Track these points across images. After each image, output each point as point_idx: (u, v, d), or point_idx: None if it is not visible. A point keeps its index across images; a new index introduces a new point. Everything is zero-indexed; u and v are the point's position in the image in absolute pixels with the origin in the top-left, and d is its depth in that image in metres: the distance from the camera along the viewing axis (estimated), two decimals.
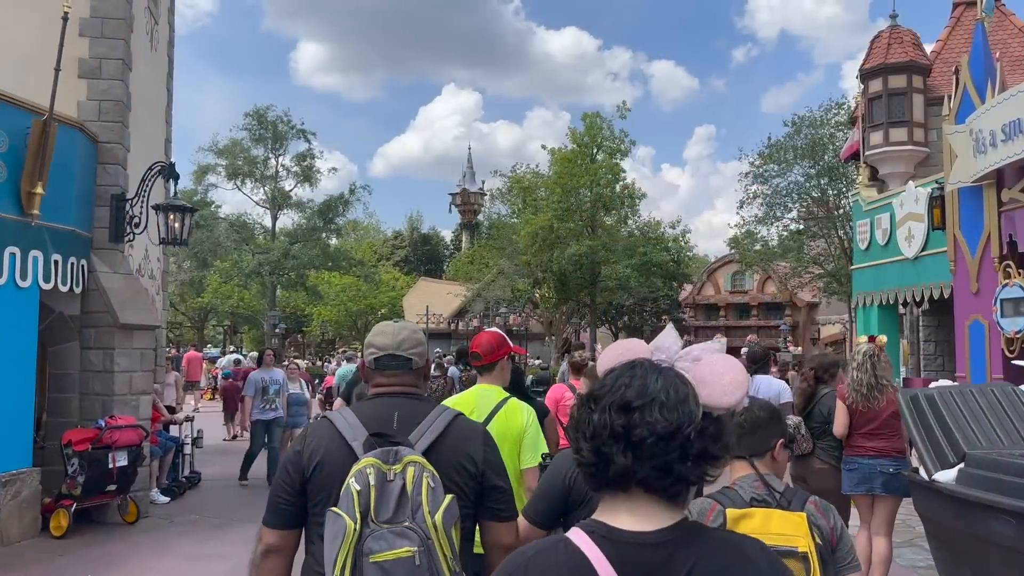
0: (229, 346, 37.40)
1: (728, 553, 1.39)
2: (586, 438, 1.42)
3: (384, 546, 2.05)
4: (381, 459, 2.14)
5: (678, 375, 1.47)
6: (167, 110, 12.93)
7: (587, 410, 1.44)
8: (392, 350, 2.46)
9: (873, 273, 14.06)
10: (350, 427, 2.30)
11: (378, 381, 2.48)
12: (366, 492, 2.08)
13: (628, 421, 1.37)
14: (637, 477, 1.37)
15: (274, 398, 11.64)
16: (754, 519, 2.46)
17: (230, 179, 36.65)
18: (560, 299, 30.44)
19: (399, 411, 2.35)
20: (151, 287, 11.70)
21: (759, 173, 25.71)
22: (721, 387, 1.51)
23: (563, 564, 1.36)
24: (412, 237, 70.19)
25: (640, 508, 1.39)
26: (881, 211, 13.81)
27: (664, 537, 1.36)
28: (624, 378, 1.44)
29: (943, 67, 19.35)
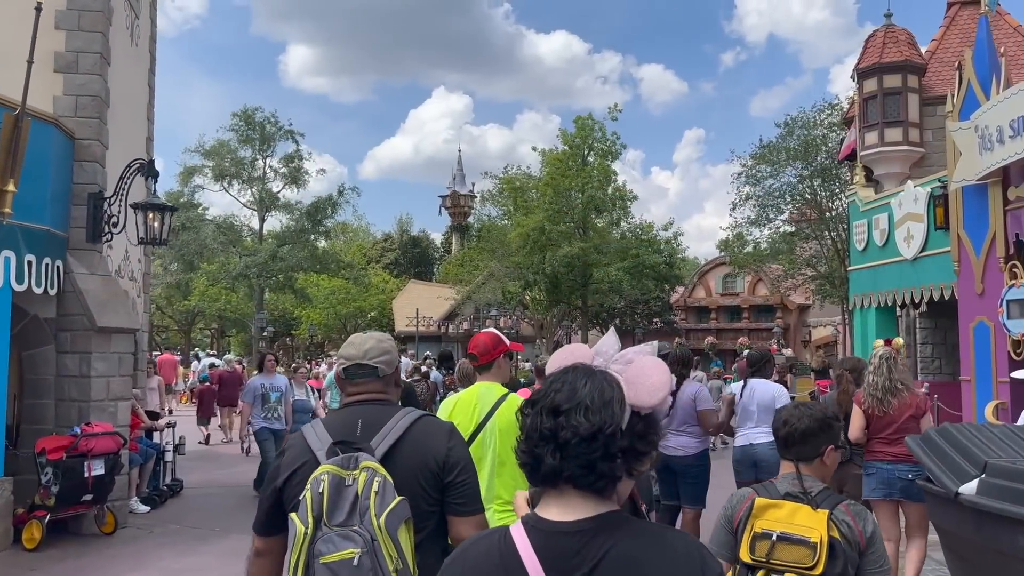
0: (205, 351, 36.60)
1: (645, 541, 1.49)
2: (523, 439, 1.56)
3: (331, 548, 2.17)
4: (341, 465, 2.25)
5: (607, 378, 1.58)
6: (149, 107, 12.59)
7: (524, 413, 1.58)
8: (358, 359, 2.57)
9: (871, 274, 13.83)
10: (317, 437, 2.42)
11: (348, 390, 2.60)
12: (318, 498, 2.19)
13: (555, 424, 1.49)
14: (564, 475, 1.49)
15: (276, 406, 10.67)
16: (782, 510, 2.72)
17: (217, 180, 36.18)
18: (551, 301, 30.17)
19: (363, 418, 2.46)
20: (132, 289, 11.35)
21: (751, 174, 25.52)
22: (646, 388, 1.63)
23: (495, 549, 1.54)
24: (402, 240, 69.79)
25: (568, 501, 1.51)
26: (879, 211, 13.58)
27: (583, 526, 1.49)
28: (557, 383, 1.57)
29: (938, 67, 19.18)
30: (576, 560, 1.47)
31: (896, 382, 5.79)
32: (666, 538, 1.53)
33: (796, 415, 2.98)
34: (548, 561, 1.48)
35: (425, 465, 2.40)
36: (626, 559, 1.46)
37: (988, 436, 5.02)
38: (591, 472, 1.48)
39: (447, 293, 39.84)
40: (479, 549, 1.59)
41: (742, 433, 7.05)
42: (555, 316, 35.28)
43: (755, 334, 37.94)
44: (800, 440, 2.92)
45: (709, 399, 7.02)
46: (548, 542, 1.50)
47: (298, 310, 48.47)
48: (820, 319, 37.88)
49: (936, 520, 5.24)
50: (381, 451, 2.36)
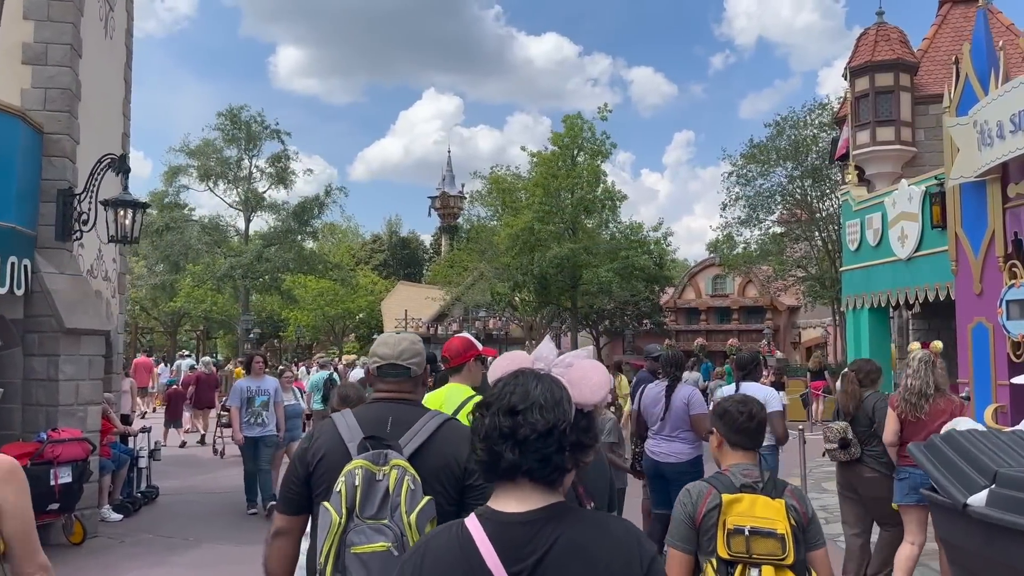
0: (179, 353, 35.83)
1: (589, 528, 1.64)
2: (480, 439, 1.67)
3: (363, 540, 2.30)
4: (372, 460, 2.39)
5: (554, 380, 1.74)
6: (125, 103, 12.23)
7: (480, 415, 1.70)
8: (393, 359, 2.73)
9: (863, 275, 13.58)
10: (348, 429, 2.57)
11: (379, 387, 2.75)
12: (352, 491, 2.33)
13: (514, 423, 1.63)
14: (523, 469, 1.63)
15: (261, 411, 9.84)
16: (743, 503, 2.88)
17: (202, 180, 35.65)
18: (540, 303, 29.89)
19: (393, 415, 2.60)
20: (106, 289, 10.99)
21: (742, 174, 25.30)
22: (589, 387, 1.79)
23: (454, 540, 1.66)
24: (391, 241, 69.41)
25: (521, 494, 1.65)
26: (872, 211, 13.33)
27: (534, 516, 1.63)
28: (509, 386, 1.70)
29: (930, 66, 19.00)
30: (529, 548, 1.62)
31: (930, 386, 5.65)
32: (608, 524, 1.71)
33: (755, 408, 3.22)
34: (503, 549, 1.62)
35: (448, 467, 2.53)
36: (573, 545, 1.62)
37: (997, 443, 4.74)
38: (547, 465, 1.64)
39: (436, 294, 39.52)
40: (439, 541, 1.71)
41: None
42: (544, 318, 35.01)
43: (745, 335, 37.77)
44: (756, 428, 3.17)
45: (703, 403, 6.78)
46: (502, 532, 1.64)
47: (285, 312, 48.00)
48: (809, 320, 37.70)
49: (942, 533, 4.97)
50: (409, 450, 2.49)
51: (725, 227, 26.30)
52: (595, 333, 37.12)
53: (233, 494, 10.75)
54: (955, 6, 19.62)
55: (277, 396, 10.17)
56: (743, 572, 2.84)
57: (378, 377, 2.77)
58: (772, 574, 2.82)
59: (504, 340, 42.63)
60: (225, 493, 11.36)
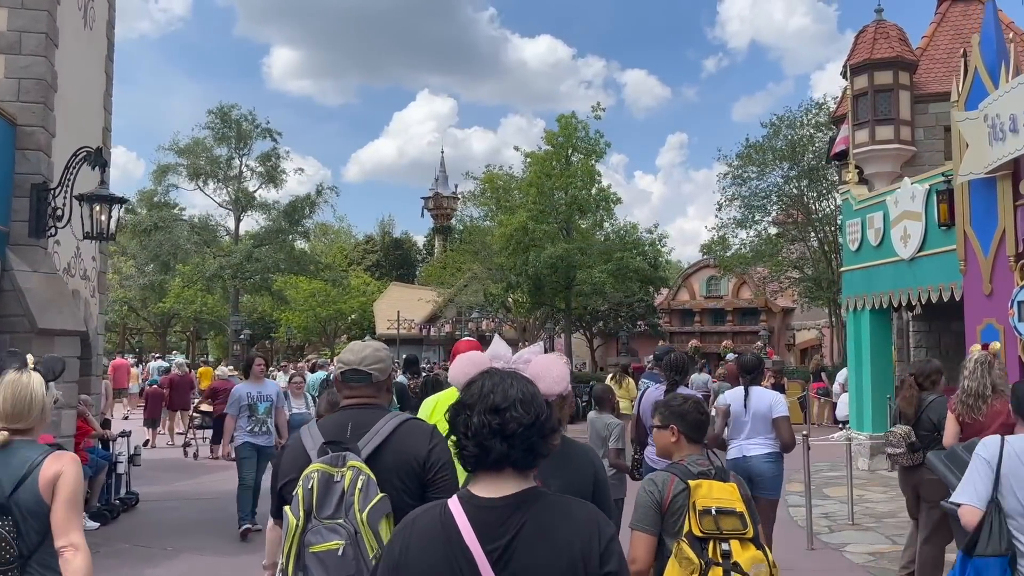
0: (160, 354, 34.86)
1: (555, 511, 1.89)
2: (468, 436, 1.88)
3: (319, 539, 2.43)
4: (330, 463, 2.50)
5: (524, 378, 1.97)
6: (106, 96, 11.85)
7: (464, 415, 1.91)
8: (355, 365, 2.85)
9: (864, 275, 13.28)
10: (311, 438, 2.70)
11: (345, 393, 2.90)
12: (308, 494, 2.44)
13: (502, 420, 1.86)
14: (511, 459, 1.87)
15: (265, 418, 8.94)
16: (703, 487, 3.13)
17: (191, 179, 35.13)
18: (534, 304, 29.53)
19: (353, 420, 2.73)
20: (84, 288, 10.62)
21: (738, 174, 24.99)
22: (552, 379, 2.20)
23: (437, 520, 1.90)
24: (384, 241, 68.96)
25: (501, 481, 1.89)
26: (873, 210, 13.04)
27: (508, 501, 1.87)
28: (487, 387, 1.92)
29: (930, 64, 18.74)
30: (502, 529, 1.82)
31: (988, 387, 5.50)
32: (571, 508, 1.91)
33: (703, 407, 3.59)
34: (480, 529, 1.82)
35: (407, 463, 2.64)
36: (540, 526, 1.83)
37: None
38: (531, 453, 1.86)
39: (429, 296, 39.12)
40: (425, 520, 1.91)
41: (735, 444, 6.51)
42: (538, 319, 34.67)
43: (739, 337, 37.49)
44: (707, 422, 3.53)
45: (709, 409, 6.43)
46: (480, 515, 1.84)
47: (277, 312, 47.51)
48: (804, 322, 37.44)
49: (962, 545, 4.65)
50: (367, 451, 2.61)
51: (720, 227, 25.96)
52: (589, 335, 36.81)
53: (219, 500, 10.39)
54: (954, 4, 19.39)
55: (279, 401, 9.43)
56: (715, 547, 3.05)
57: (343, 383, 2.90)
58: (739, 547, 3.07)
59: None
60: (210, 500, 11.00)
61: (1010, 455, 3.56)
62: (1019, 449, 3.58)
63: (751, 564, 3.03)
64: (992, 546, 3.46)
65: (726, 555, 3.04)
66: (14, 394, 2.96)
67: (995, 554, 3.45)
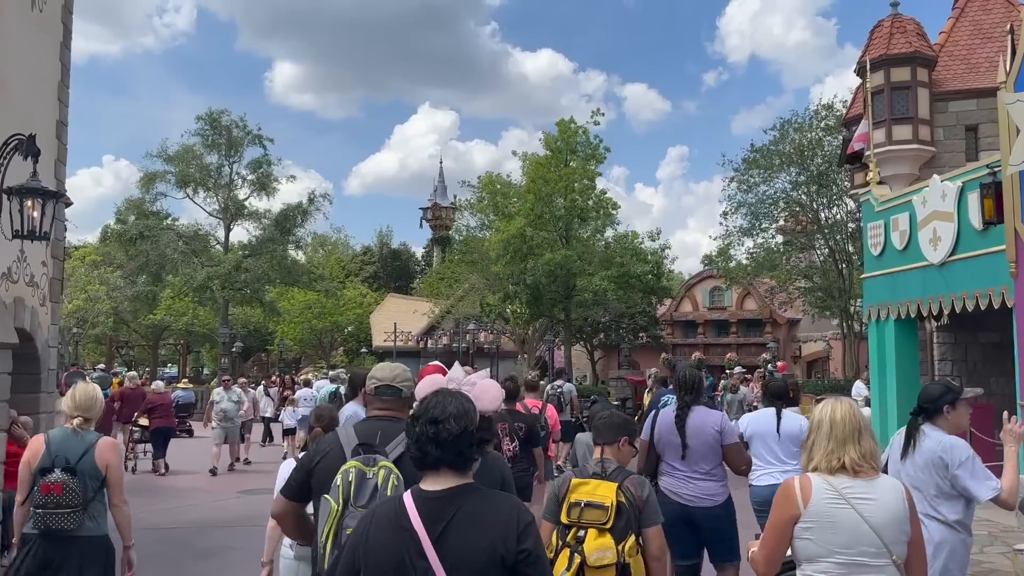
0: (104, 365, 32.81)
1: (484, 502, 2.38)
2: (413, 441, 2.42)
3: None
4: (363, 463, 3.00)
5: (463, 396, 2.52)
6: (61, 87, 10.83)
7: (412, 424, 2.45)
8: (388, 382, 3.42)
9: (889, 282, 12.27)
10: (347, 439, 3.23)
11: (376, 405, 3.42)
12: (347, 486, 2.94)
13: (437, 429, 2.37)
14: (445, 461, 2.37)
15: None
16: (588, 485, 3.79)
17: (180, 188, 34.04)
18: (532, 315, 28.51)
19: (382, 429, 3.24)
20: (31, 296, 9.58)
21: (743, 179, 23.97)
22: (488, 399, 2.82)
23: (392, 508, 2.42)
24: (382, 252, 68.03)
25: (441, 478, 2.39)
26: (897, 211, 12.05)
27: (447, 493, 2.36)
28: (431, 402, 2.44)
29: (948, 61, 17.79)
30: (440, 514, 2.34)
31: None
32: (497, 499, 2.44)
33: (607, 413, 4.27)
34: (424, 515, 2.35)
35: None
36: (471, 513, 2.35)
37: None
38: (461, 456, 2.39)
39: (426, 307, 38.11)
40: (384, 509, 2.46)
41: (766, 471, 6.15)
42: (537, 331, 33.63)
43: (744, 349, 36.49)
44: (608, 430, 4.07)
45: (735, 430, 5.68)
46: (424, 504, 2.37)
47: (272, 324, 46.47)
48: (810, 334, 36.39)
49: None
50: (393, 456, 3.08)
51: (726, 236, 24.93)
52: (590, 347, 35.75)
53: (180, 531, 9.34)
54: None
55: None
56: (574, 533, 3.66)
57: (375, 396, 3.39)
58: (595, 535, 3.62)
59: (496, 354, 41.23)
60: (173, 529, 9.95)
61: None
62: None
63: (595, 549, 3.58)
64: None
65: (580, 540, 3.63)
66: (86, 395, 4.77)
67: None
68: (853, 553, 2.88)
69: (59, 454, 4.56)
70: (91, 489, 4.55)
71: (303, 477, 3.25)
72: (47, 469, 4.53)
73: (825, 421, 3.06)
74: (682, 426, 5.44)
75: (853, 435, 3.01)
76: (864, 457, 2.97)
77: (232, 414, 15.40)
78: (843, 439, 3.00)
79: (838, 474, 2.97)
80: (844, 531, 2.89)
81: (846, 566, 2.89)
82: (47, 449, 4.59)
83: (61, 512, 4.44)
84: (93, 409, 4.73)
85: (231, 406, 15.50)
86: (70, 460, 4.51)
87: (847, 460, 2.96)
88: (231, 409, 15.45)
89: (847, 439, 3.00)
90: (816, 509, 2.93)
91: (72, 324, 33.99)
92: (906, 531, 2.92)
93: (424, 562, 2.27)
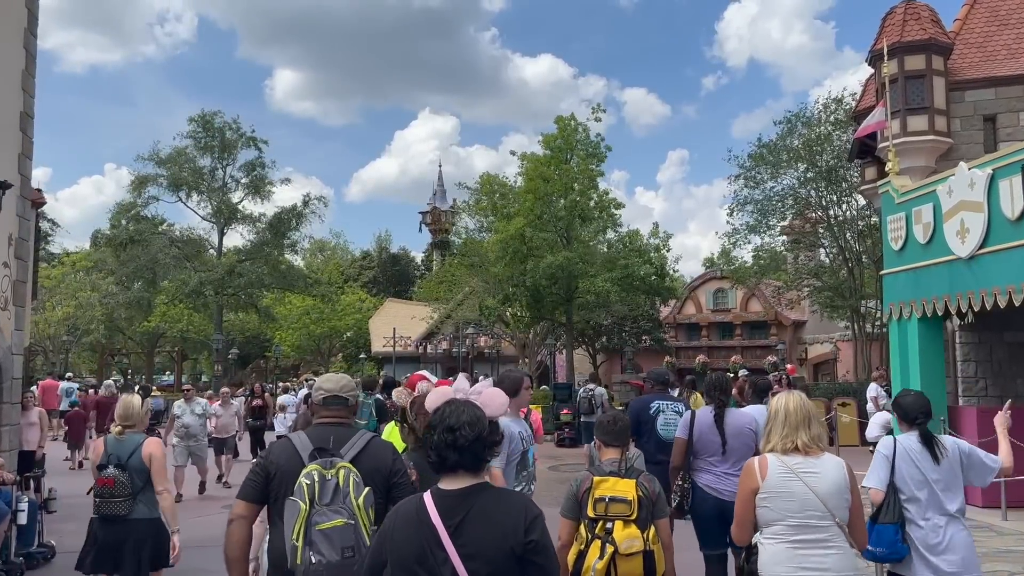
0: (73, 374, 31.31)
1: (495, 500, 2.69)
2: (432, 448, 2.73)
3: (325, 519, 3.24)
4: (322, 465, 3.34)
5: (474, 404, 2.86)
6: (26, 76, 10.15)
7: (431, 434, 2.75)
8: (336, 392, 3.74)
9: (911, 278, 11.53)
10: (302, 444, 3.53)
11: (322, 413, 3.73)
12: (312, 486, 3.26)
13: (454, 436, 2.69)
14: (462, 464, 2.68)
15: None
16: (608, 482, 4.15)
17: (173, 191, 33.27)
18: (533, 318, 27.77)
19: (334, 435, 3.58)
20: None
21: (750, 176, 23.25)
22: (495, 406, 3.12)
23: (413, 505, 2.72)
24: (380, 257, 67.37)
25: (458, 478, 2.69)
26: (920, 202, 11.32)
27: (463, 492, 2.67)
28: (446, 412, 2.76)
29: (964, 49, 17.04)
30: (457, 510, 2.63)
31: None
32: (508, 496, 2.80)
33: (622, 417, 4.75)
34: (442, 511, 2.64)
35: (378, 470, 3.52)
36: (484, 509, 2.64)
37: None
38: (477, 459, 2.71)
39: (425, 312, 37.40)
40: (406, 506, 2.77)
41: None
42: (538, 334, 32.89)
43: (749, 352, 35.77)
44: (622, 434, 4.54)
45: None
46: (442, 501, 2.66)
47: (270, 330, 45.71)
48: (817, 336, 35.61)
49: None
50: (348, 458, 3.45)
51: (732, 234, 24.19)
52: (592, 350, 35.00)
53: None
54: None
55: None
56: (603, 525, 4.08)
57: (322, 406, 3.74)
58: (622, 526, 4.05)
59: (497, 359, 40.43)
60: None
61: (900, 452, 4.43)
62: (907, 447, 4.45)
63: (625, 539, 3.98)
64: (888, 516, 4.31)
65: (608, 532, 4.04)
66: (125, 406, 5.76)
67: (890, 521, 4.28)
68: (802, 517, 3.58)
69: (113, 453, 5.55)
70: (140, 480, 5.48)
71: (262, 481, 3.52)
72: (103, 466, 5.52)
73: (780, 411, 3.75)
74: (721, 425, 5.92)
75: (804, 422, 3.70)
76: (813, 440, 3.68)
77: (196, 430, 13.17)
78: (796, 425, 3.69)
79: (791, 454, 3.66)
80: (795, 500, 3.59)
81: (797, 528, 3.58)
82: (105, 450, 5.62)
83: (114, 500, 5.39)
84: (132, 417, 5.69)
85: (194, 420, 13.14)
86: (121, 459, 5.50)
87: (799, 443, 3.66)
88: (194, 424, 13.13)
89: (799, 425, 3.69)
90: (772, 483, 3.63)
91: (62, 332, 33.22)
92: (847, 499, 3.62)
93: (443, 552, 2.58)
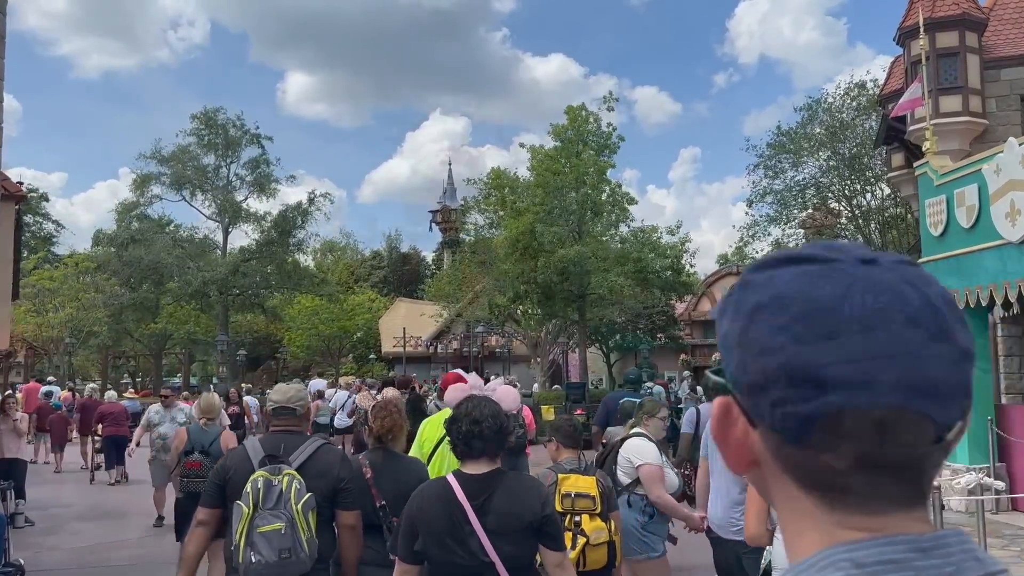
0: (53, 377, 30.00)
1: (513, 481, 3.16)
2: (458, 438, 3.15)
3: (265, 523, 3.49)
4: (269, 471, 3.61)
5: (492, 400, 3.36)
6: None
7: (456, 425, 3.16)
8: (284, 403, 3.98)
9: (953, 265, 10.64)
10: (254, 451, 3.79)
11: (274, 423, 4.02)
12: (256, 492, 3.52)
13: (480, 427, 3.12)
14: (486, 452, 3.12)
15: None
16: (570, 479, 4.47)
17: (176, 190, 32.56)
18: (545, 315, 26.92)
19: (284, 442, 3.84)
20: None
21: (770, 165, 22.35)
22: (510, 400, 4.58)
23: (439, 485, 3.15)
24: (391, 257, 66.67)
25: (479, 464, 3.12)
26: (963, 183, 10.45)
27: (484, 475, 3.10)
28: (470, 407, 3.19)
29: (998, 25, 16.14)
30: (481, 491, 3.05)
31: None
32: (523, 479, 3.42)
33: (576, 423, 5.06)
34: (467, 491, 3.04)
35: (324, 476, 3.75)
36: (505, 489, 3.08)
37: None
38: (499, 446, 3.16)
39: (433, 311, 36.62)
40: (431, 487, 3.19)
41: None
42: (550, 333, 32.04)
43: None
44: (576, 435, 4.79)
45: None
46: (468, 484, 3.07)
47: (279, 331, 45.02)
48: None
49: None
50: (296, 464, 3.70)
51: (752, 226, 23.29)
52: (605, 349, 34.11)
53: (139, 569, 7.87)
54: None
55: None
56: (571, 519, 4.34)
57: (273, 415, 4.02)
58: (587, 519, 4.36)
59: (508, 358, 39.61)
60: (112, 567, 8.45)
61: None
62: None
63: (593, 530, 4.34)
64: None
65: (577, 524, 4.36)
66: (207, 402, 7.40)
67: None
68: None
69: (196, 440, 6.80)
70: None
71: (219, 486, 3.80)
72: (189, 452, 6.67)
73: None
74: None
75: None
76: None
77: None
78: None
79: None
80: None
81: None
82: (189, 438, 6.85)
83: (199, 480, 6.19)
84: (213, 411, 7.24)
85: (173, 430, 9.60)
86: (204, 445, 6.66)
87: None
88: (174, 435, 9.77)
89: None
90: None
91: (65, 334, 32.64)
92: None
93: (470, 527, 3.02)
